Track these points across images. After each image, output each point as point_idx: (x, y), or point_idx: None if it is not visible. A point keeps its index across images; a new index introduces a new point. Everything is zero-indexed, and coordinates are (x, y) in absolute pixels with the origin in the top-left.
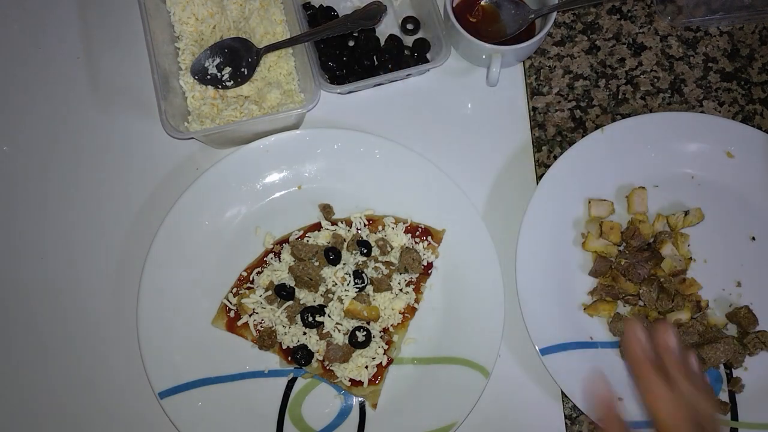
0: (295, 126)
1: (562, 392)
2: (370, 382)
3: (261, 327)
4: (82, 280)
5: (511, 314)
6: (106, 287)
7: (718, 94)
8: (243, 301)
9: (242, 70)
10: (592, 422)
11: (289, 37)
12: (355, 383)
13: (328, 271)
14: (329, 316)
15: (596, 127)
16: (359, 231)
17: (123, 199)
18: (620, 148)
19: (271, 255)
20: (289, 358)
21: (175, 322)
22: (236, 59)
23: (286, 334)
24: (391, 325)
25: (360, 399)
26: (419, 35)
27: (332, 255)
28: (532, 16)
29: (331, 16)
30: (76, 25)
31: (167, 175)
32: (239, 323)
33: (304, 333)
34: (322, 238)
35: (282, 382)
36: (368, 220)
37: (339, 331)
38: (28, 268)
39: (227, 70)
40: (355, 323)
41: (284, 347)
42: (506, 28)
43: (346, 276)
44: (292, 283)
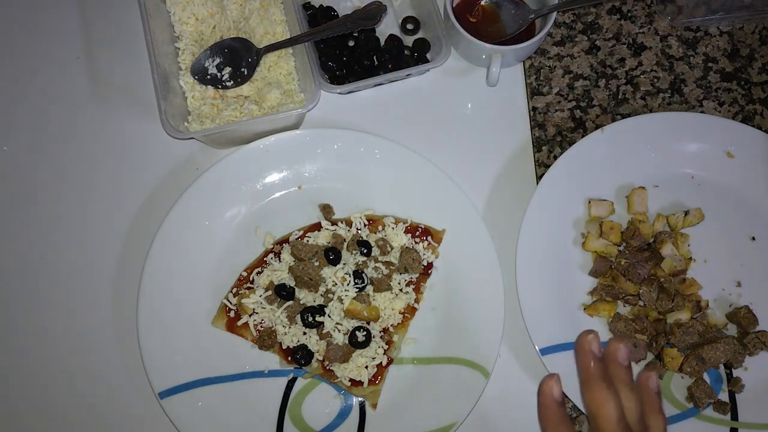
0: (295, 126)
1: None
2: (370, 382)
3: (261, 327)
4: (82, 280)
5: (511, 314)
6: (106, 287)
7: (718, 94)
8: (243, 301)
9: (242, 70)
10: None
11: (289, 37)
12: (355, 383)
13: (328, 271)
14: (329, 316)
15: (596, 127)
16: (359, 231)
17: (123, 199)
18: (620, 148)
19: (271, 255)
20: (289, 358)
21: (175, 322)
22: (236, 59)
23: (286, 334)
24: (391, 325)
25: (360, 399)
26: (419, 35)
27: (332, 255)
28: (532, 16)
29: (331, 16)
30: (76, 25)
31: (167, 175)
32: (239, 323)
33: (304, 333)
34: (322, 238)
35: (282, 382)
36: (368, 220)
37: (339, 331)
38: (28, 268)
39: (227, 70)
40: (355, 323)
41: (284, 347)
42: (506, 28)
43: (346, 276)
44: (292, 283)
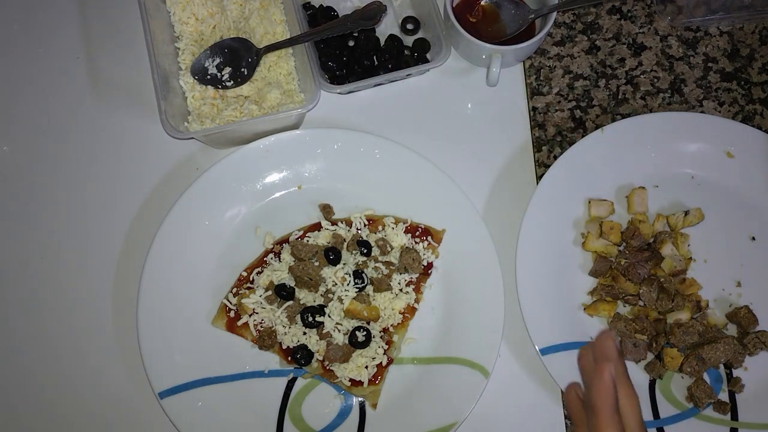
0: (295, 126)
1: (562, 392)
2: (370, 382)
3: (261, 327)
4: (82, 280)
5: (511, 314)
6: (106, 287)
7: (718, 94)
8: (243, 301)
9: (242, 70)
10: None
11: (289, 37)
12: (355, 383)
13: (328, 271)
14: (329, 316)
15: (596, 127)
16: (359, 231)
17: (123, 199)
18: (620, 148)
19: (271, 255)
20: (289, 358)
21: (175, 322)
22: (236, 59)
23: (286, 334)
24: (391, 325)
25: (360, 399)
26: (419, 35)
27: (332, 255)
28: (532, 16)
29: (331, 16)
30: (76, 25)
31: (167, 175)
32: (239, 323)
33: (304, 333)
34: (322, 238)
35: (282, 382)
36: (368, 220)
37: (339, 331)
38: (28, 268)
39: (227, 70)
40: (355, 323)
41: (284, 347)
42: (506, 28)
43: (346, 276)
44: (292, 283)
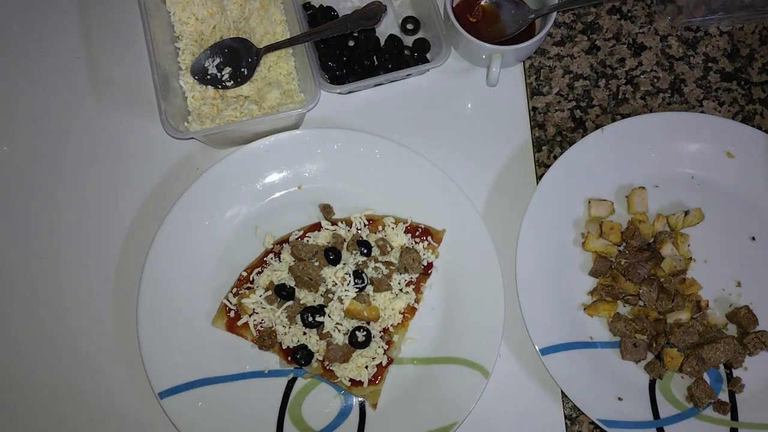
0: (295, 126)
1: (562, 392)
2: (370, 382)
3: (261, 327)
4: (82, 280)
5: (511, 314)
6: (106, 287)
7: (718, 94)
8: (243, 301)
9: (242, 70)
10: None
11: (289, 37)
12: (355, 383)
13: (328, 271)
14: (329, 316)
15: (596, 127)
16: (359, 231)
17: (123, 199)
18: (620, 148)
19: (271, 255)
20: (289, 358)
21: (175, 322)
22: (236, 59)
23: (286, 334)
24: (391, 325)
25: (360, 399)
26: (419, 35)
27: (332, 255)
28: (532, 16)
29: (331, 16)
30: (76, 25)
31: (167, 175)
32: (239, 323)
33: (304, 333)
34: (322, 238)
35: (282, 382)
36: (368, 220)
37: (339, 331)
38: (28, 269)
39: (227, 70)
40: (355, 323)
41: (284, 347)
42: (506, 28)
43: (346, 276)
44: (292, 283)
